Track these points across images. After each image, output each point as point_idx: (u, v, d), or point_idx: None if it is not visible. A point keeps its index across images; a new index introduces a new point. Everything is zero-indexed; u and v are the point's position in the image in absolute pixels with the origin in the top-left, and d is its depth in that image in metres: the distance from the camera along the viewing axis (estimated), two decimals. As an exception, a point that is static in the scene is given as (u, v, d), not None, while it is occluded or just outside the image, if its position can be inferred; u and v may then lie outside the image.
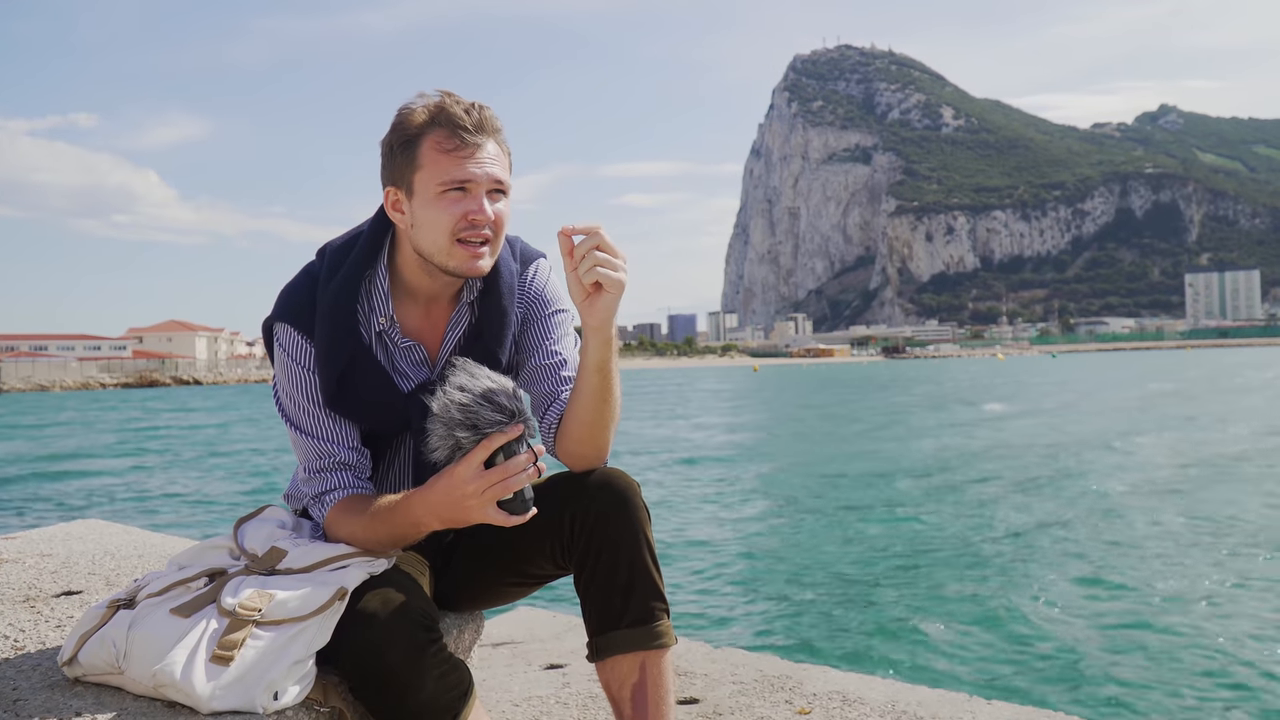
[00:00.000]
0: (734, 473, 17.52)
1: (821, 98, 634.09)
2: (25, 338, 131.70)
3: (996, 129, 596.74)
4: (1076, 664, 5.97)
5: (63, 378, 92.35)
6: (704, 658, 3.02)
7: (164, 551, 2.93)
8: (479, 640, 2.23)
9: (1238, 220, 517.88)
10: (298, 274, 1.93)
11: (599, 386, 1.83)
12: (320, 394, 1.85)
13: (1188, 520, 10.97)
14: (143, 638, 1.61)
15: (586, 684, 2.81)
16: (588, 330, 1.80)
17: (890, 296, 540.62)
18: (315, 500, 1.88)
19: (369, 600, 1.64)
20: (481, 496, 1.65)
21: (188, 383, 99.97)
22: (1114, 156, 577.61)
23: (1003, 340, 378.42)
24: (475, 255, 1.80)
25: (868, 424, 28.59)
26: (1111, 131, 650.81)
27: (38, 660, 1.87)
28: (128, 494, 16.50)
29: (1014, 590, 7.85)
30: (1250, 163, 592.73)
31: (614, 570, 1.81)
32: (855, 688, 2.72)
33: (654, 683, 1.83)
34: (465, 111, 1.77)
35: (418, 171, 1.78)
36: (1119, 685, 5.57)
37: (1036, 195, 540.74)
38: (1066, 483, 14.45)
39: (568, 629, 3.47)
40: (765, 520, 12.15)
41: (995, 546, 9.80)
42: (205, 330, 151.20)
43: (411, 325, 1.94)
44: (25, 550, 2.92)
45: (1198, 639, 6.40)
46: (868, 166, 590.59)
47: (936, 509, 12.39)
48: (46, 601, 2.34)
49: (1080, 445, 20.07)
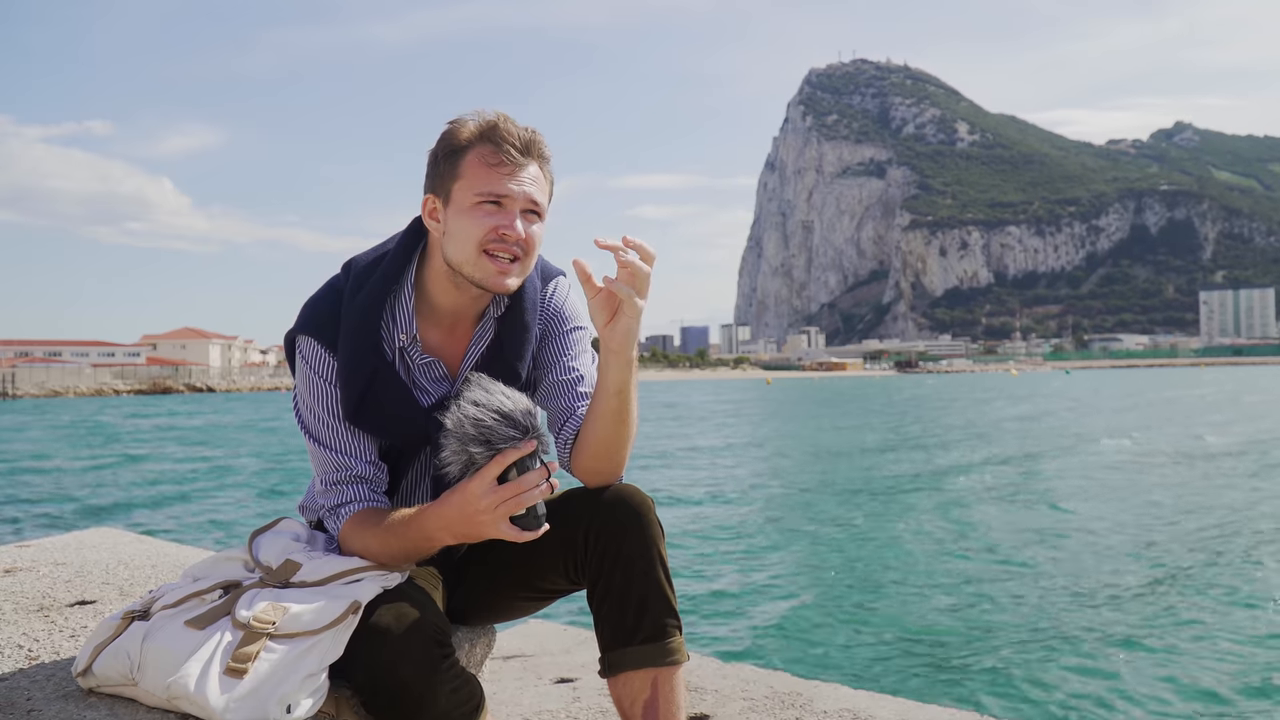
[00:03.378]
0: (746, 488, 17.49)
1: (836, 111, 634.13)
2: (39, 344, 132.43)
3: (1011, 144, 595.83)
4: (1090, 685, 5.93)
5: (76, 384, 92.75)
6: (714, 673, 3.01)
7: (178, 562, 2.94)
8: (490, 654, 2.23)
9: (1253, 238, 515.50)
10: (322, 287, 1.94)
11: (617, 408, 1.84)
12: (341, 408, 1.86)
13: (1210, 537, 10.90)
14: (157, 650, 1.62)
15: (597, 698, 2.80)
16: (608, 352, 1.81)
17: (903, 311, 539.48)
18: (331, 512, 1.89)
19: (382, 614, 1.64)
20: (494, 512, 1.66)
21: (201, 390, 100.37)
22: (1129, 173, 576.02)
23: (1016, 356, 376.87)
24: (502, 271, 1.82)
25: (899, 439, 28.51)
26: (1126, 148, 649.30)
27: (51, 670, 1.88)
28: (142, 502, 16.55)
29: (1029, 610, 7.81)
30: (1266, 180, 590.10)
31: (627, 586, 1.82)
32: (866, 706, 2.70)
33: (665, 699, 1.83)
34: (515, 132, 1.80)
35: (457, 181, 1.81)
36: (1133, 705, 5.54)
37: (1051, 211, 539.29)
38: (1094, 499, 14.38)
39: (578, 643, 3.46)
40: (777, 536, 12.11)
41: (1009, 565, 9.75)
42: (219, 338, 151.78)
43: (433, 342, 1.94)
44: (39, 559, 2.94)
45: (1230, 664, 6.35)
46: (882, 180, 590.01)
47: (951, 526, 12.34)
48: (60, 611, 2.35)
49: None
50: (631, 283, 1.73)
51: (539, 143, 1.83)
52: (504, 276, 1.82)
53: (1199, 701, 5.62)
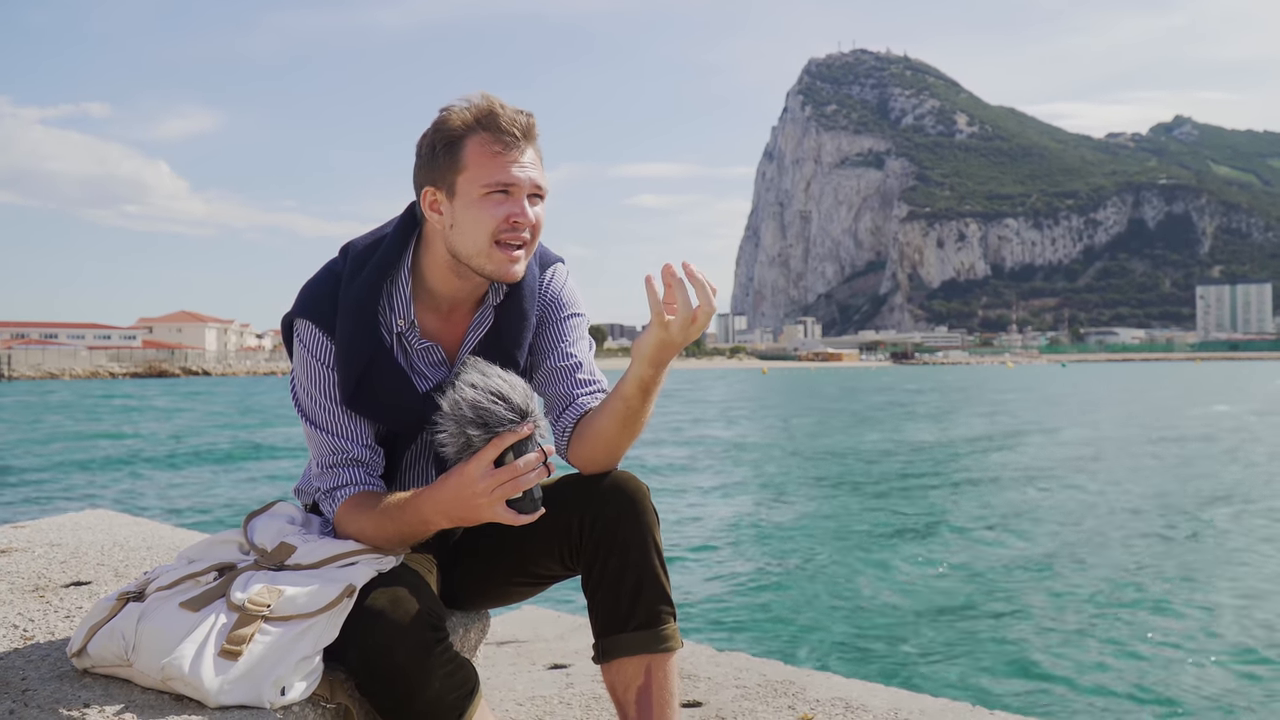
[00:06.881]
0: (742, 477, 17.52)
1: (835, 102, 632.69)
2: (35, 325, 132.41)
3: (1010, 136, 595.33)
4: (1081, 676, 5.95)
5: (72, 366, 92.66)
6: (708, 661, 3.02)
7: (173, 544, 2.95)
8: (484, 639, 2.23)
9: (1250, 233, 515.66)
10: (320, 270, 1.93)
11: (625, 411, 1.84)
12: (338, 391, 1.86)
13: (1204, 526, 10.93)
14: (152, 631, 1.62)
15: (590, 684, 2.81)
16: (643, 362, 1.79)
17: (900, 302, 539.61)
18: (326, 495, 1.89)
19: (377, 598, 1.64)
20: (491, 495, 1.66)
21: (197, 373, 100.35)
22: (1127, 167, 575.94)
23: (1012, 348, 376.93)
24: (512, 259, 1.81)
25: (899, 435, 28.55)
26: (1125, 141, 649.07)
27: (46, 651, 1.88)
28: (138, 483, 16.55)
29: (1021, 599, 7.83)
30: (1264, 175, 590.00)
31: (622, 573, 1.82)
32: (858, 695, 2.71)
33: (659, 686, 1.84)
34: (511, 116, 1.78)
35: (461, 173, 1.78)
36: (1124, 698, 5.56)
37: (1049, 204, 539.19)
38: (1088, 495, 14.41)
39: (572, 629, 3.47)
40: (773, 524, 12.13)
41: (1003, 556, 9.78)
42: (215, 321, 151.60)
43: (431, 327, 1.94)
44: (34, 539, 2.94)
45: (1219, 657, 6.38)
46: (880, 171, 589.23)
47: (946, 518, 12.36)
48: (56, 591, 2.35)
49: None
50: (678, 308, 1.70)
51: (533, 124, 1.81)
52: (514, 265, 1.82)
53: (1198, 697, 5.65)
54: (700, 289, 1.70)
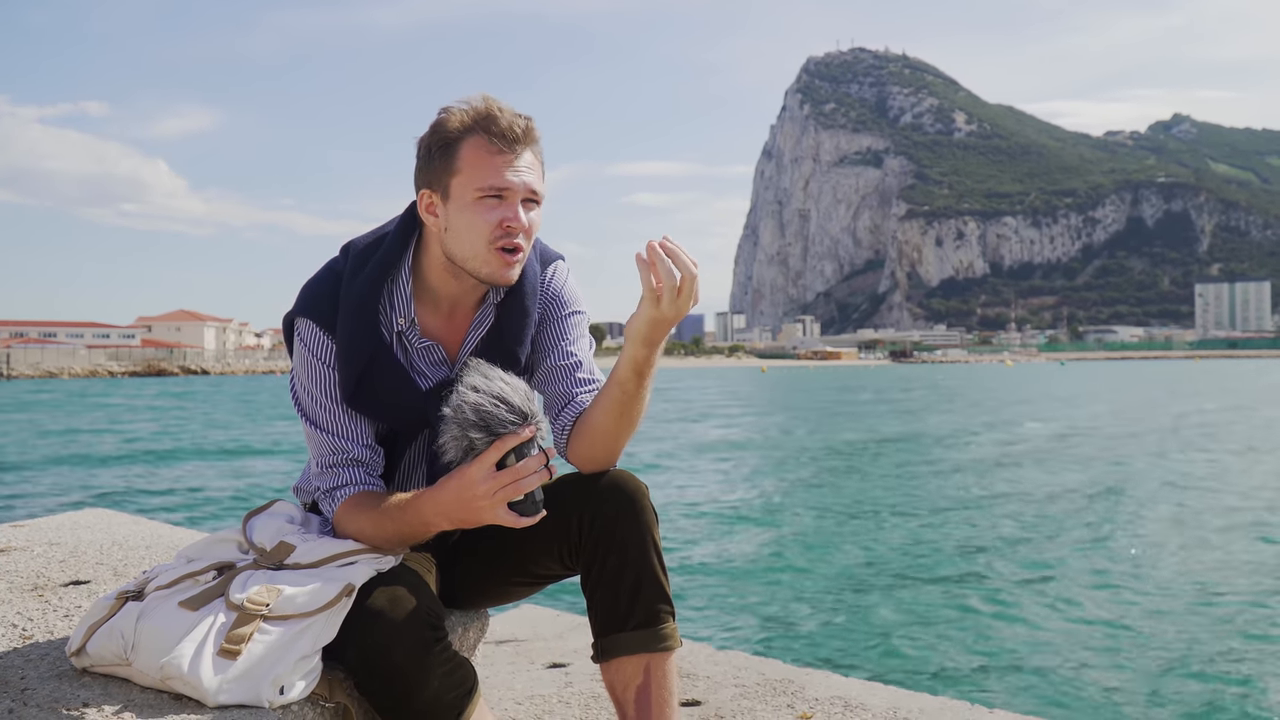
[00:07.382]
0: (741, 475, 17.51)
1: (834, 100, 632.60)
2: (34, 324, 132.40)
3: (1009, 135, 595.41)
4: (1081, 674, 5.95)
5: (71, 365, 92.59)
6: (707, 660, 3.02)
7: (172, 543, 2.95)
8: (483, 638, 2.23)
9: (1249, 231, 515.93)
10: (321, 269, 1.93)
11: (620, 399, 1.84)
12: (338, 390, 1.86)
13: (1225, 534, 10.93)
14: (151, 630, 1.62)
15: (589, 683, 2.81)
16: (636, 342, 1.79)
17: (899, 300, 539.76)
18: (326, 495, 1.88)
19: (376, 597, 1.64)
20: (493, 498, 1.66)
21: (196, 372, 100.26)
22: (1126, 165, 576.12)
23: (1011, 347, 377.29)
24: (507, 264, 1.80)
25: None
26: (1124, 140, 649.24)
27: (45, 650, 1.88)
28: (137, 482, 16.53)
29: (1021, 599, 7.83)
30: (1263, 174, 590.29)
31: (621, 572, 1.82)
32: (857, 694, 2.71)
33: (658, 685, 1.83)
34: (508, 119, 1.76)
35: (455, 176, 1.77)
36: (1124, 696, 5.56)
37: (1048, 202, 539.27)
38: (1090, 492, 14.42)
39: (571, 628, 3.47)
40: (771, 524, 12.13)
41: (1004, 555, 9.78)
42: (214, 320, 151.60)
43: (432, 326, 1.93)
44: (33, 538, 2.94)
45: (1217, 656, 6.38)
46: (879, 170, 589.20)
47: (945, 516, 12.36)
48: (54, 590, 2.35)
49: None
50: (660, 280, 1.70)
51: (531, 127, 1.79)
52: (509, 269, 1.82)
53: (1200, 694, 5.65)
54: (677, 258, 1.70)
